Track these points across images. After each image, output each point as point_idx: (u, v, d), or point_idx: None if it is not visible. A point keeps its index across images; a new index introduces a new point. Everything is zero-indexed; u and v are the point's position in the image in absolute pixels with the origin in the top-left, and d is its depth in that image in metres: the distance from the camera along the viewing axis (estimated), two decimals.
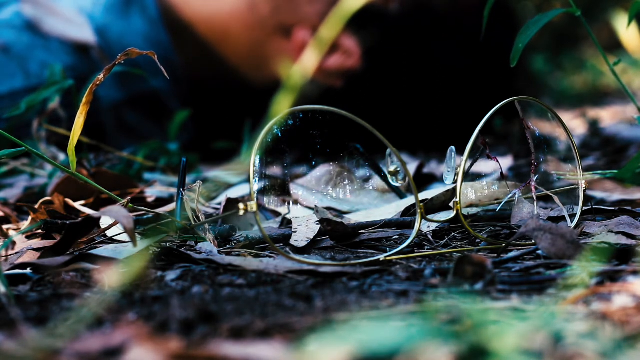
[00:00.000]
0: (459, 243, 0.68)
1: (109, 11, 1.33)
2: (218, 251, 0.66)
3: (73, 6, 1.32)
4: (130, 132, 1.31)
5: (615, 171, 0.70)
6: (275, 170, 0.73)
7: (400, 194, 0.83)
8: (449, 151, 0.69)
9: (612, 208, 0.75)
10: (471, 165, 0.70)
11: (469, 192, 0.75)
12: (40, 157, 0.67)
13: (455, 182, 0.67)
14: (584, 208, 0.70)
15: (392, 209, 0.78)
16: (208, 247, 0.66)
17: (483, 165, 0.86)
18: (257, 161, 0.61)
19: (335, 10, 0.54)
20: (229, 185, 0.90)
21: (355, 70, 1.37)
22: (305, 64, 0.52)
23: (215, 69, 1.38)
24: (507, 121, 1.35)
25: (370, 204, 0.82)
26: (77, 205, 0.79)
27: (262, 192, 0.72)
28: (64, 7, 1.30)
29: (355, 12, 0.53)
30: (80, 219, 0.68)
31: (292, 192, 0.82)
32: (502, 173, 0.73)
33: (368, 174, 0.84)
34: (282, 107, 0.53)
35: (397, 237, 0.70)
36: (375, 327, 0.42)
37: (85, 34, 1.27)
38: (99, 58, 1.26)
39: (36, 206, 0.78)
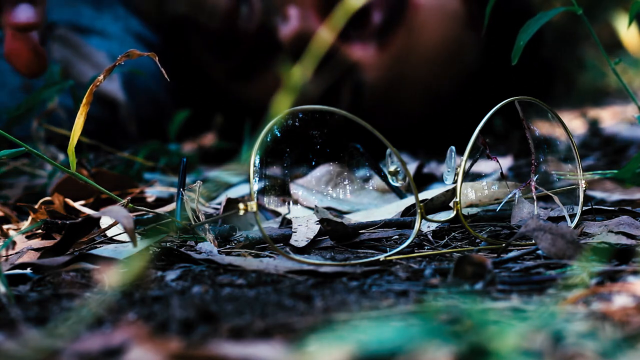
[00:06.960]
0: (459, 243, 0.68)
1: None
2: (218, 251, 0.66)
3: (103, 49, 1.27)
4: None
5: (615, 171, 0.69)
6: (275, 170, 0.73)
7: (400, 194, 0.83)
8: (449, 151, 0.69)
9: (612, 208, 0.75)
10: (471, 165, 0.70)
11: (469, 192, 0.75)
12: (40, 157, 0.67)
13: (455, 182, 0.67)
14: (584, 208, 0.70)
15: (392, 209, 0.78)
16: (208, 247, 0.66)
17: (483, 165, 0.86)
18: (257, 161, 0.61)
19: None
20: (229, 185, 0.90)
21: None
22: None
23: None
24: (507, 121, 1.34)
25: (370, 204, 0.82)
26: (77, 205, 0.79)
27: (262, 192, 0.72)
28: (95, 51, 1.25)
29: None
30: (80, 219, 0.68)
31: (292, 192, 0.82)
32: (502, 173, 0.73)
33: (368, 174, 0.84)
34: (282, 107, 0.53)
35: (397, 237, 0.70)
36: (375, 327, 0.42)
37: (113, 87, 1.22)
38: (125, 116, 1.23)
39: (36, 206, 0.78)
